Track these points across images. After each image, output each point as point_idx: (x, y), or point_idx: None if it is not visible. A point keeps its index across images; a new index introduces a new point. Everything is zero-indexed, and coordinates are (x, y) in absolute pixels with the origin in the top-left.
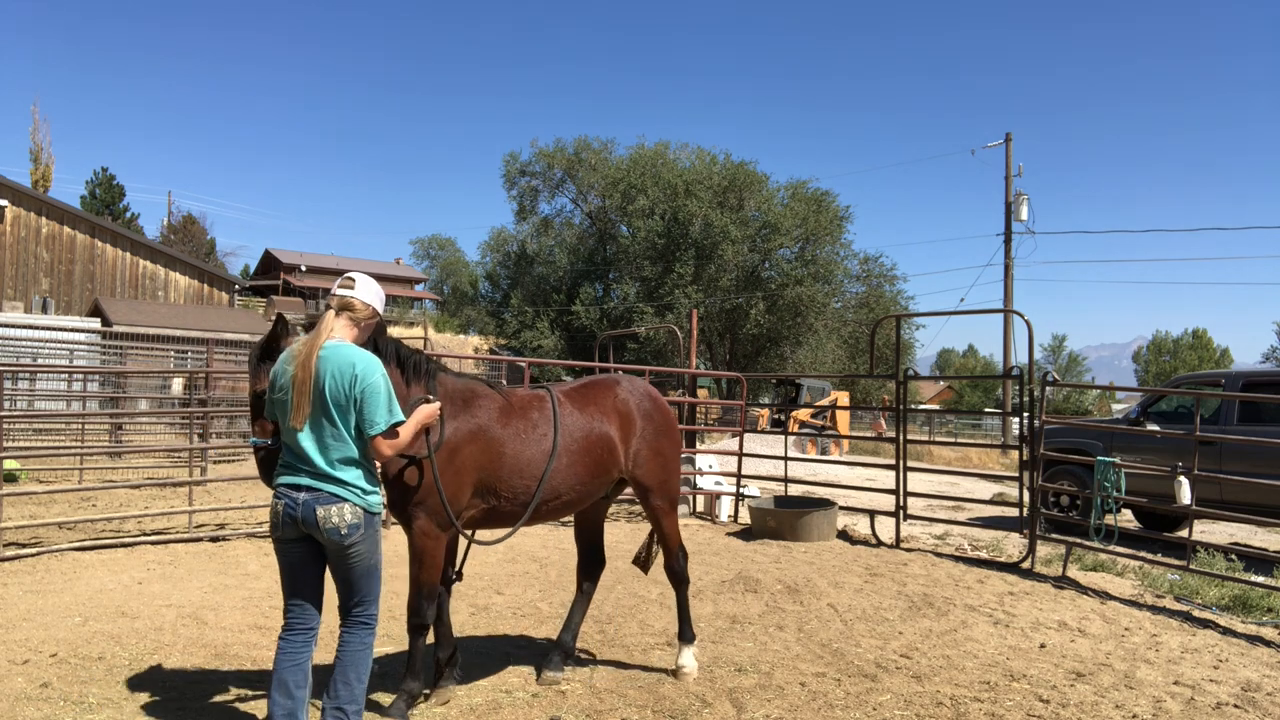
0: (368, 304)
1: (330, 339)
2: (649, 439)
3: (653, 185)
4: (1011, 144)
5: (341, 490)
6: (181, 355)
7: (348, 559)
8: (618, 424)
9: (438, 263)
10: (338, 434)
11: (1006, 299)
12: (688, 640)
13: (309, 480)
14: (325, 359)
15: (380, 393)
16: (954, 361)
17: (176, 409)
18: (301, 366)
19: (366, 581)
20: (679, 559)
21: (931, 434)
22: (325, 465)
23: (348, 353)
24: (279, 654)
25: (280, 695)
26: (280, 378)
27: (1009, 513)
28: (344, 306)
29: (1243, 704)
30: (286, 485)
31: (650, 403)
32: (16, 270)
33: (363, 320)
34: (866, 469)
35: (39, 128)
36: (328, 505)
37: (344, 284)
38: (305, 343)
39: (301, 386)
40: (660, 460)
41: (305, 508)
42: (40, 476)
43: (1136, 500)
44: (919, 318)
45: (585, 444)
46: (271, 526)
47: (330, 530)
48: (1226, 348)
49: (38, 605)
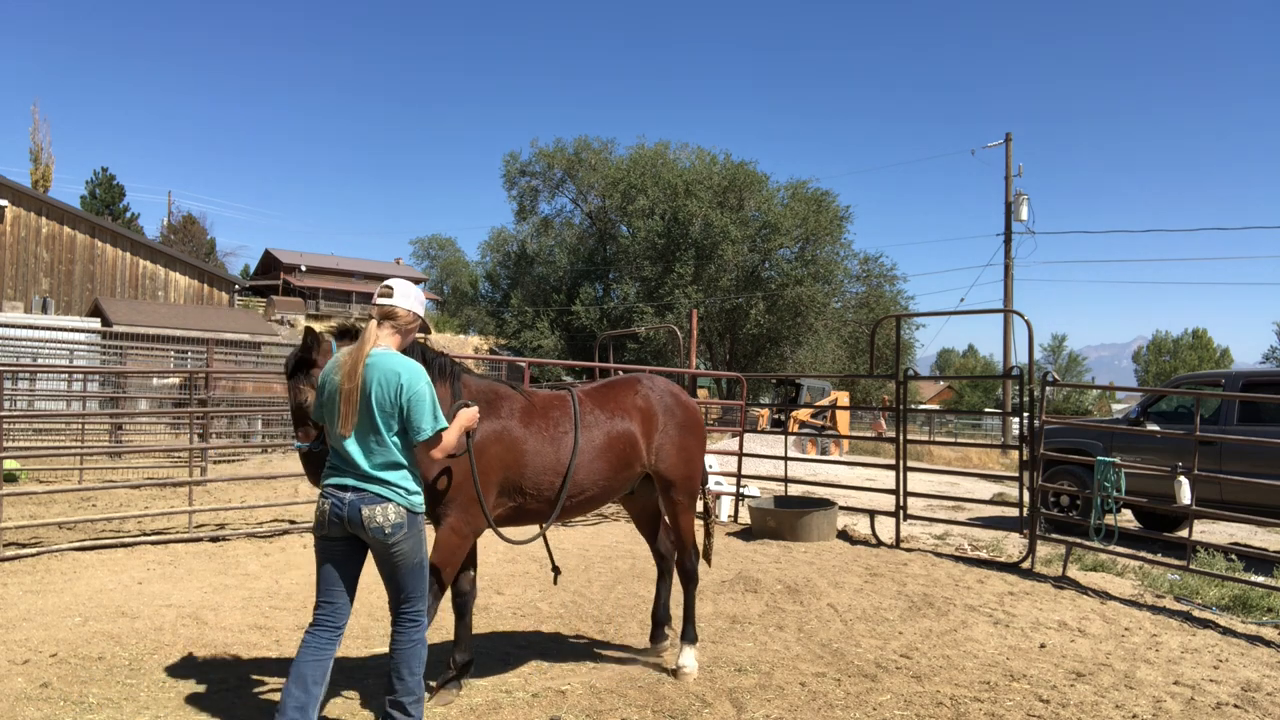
0: (409, 310)
1: (375, 347)
2: (672, 434)
3: (653, 185)
4: (1011, 144)
5: (386, 491)
6: (181, 355)
7: (392, 557)
8: (639, 420)
9: (438, 263)
10: (382, 439)
11: (1006, 299)
12: (690, 640)
13: (354, 481)
14: (371, 367)
15: (425, 400)
16: (954, 361)
17: (176, 409)
18: (348, 376)
19: (412, 579)
20: (691, 557)
21: (931, 434)
22: (370, 468)
23: (393, 361)
24: (303, 647)
25: (296, 688)
26: (328, 385)
27: (1009, 513)
28: (386, 315)
29: (1243, 704)
30: (333, 486)
31: (672, 399)
32: (16, 270)
33: (405, 326)
34: (866, 469)
35: (39, 128)
36: (372, 505)
37: (383, 292)
38: (351, 352)
39: (349, 395)
40: (684, 455)
41: (351, 507)
42: (40, 476)
43: (1136, 500)
44: (919, 318)
45: (607, 441)
46: (316, 525)
47: (375, 529)
48: (1226, 348)
49: (38, 605)
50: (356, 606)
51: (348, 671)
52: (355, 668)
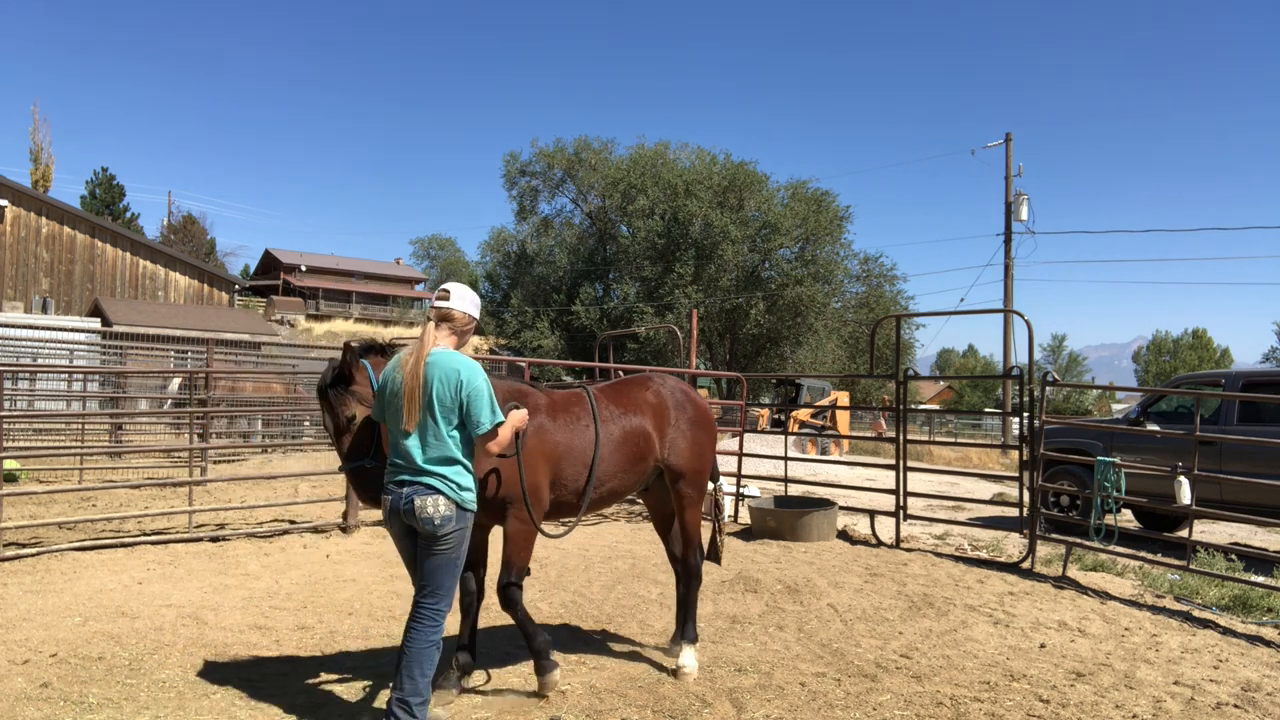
0: (465, 312)
1: (435, 347)
2: (683, 429)
3: (653, 185)
4: (1011, 144)
5: (438, 483)
6: (181, 355)
7: (435, 547)
8: (652, 415)
9: (438, 263)
10: (440, 433)
11: (1006, 299)
12: (691, 640)
13: (409, 475)
14: (432, 365)
15: (484, 395)
16: (954, 361)
17: (176, 409)
18: (411, 374)
19: (443, 573)
20: (696, 554)
21: (931, 434)
22: (424, 462)
23: (452, 360)
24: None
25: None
26: (390, 384)
27: (1009, 513)
28: (444, 317)
29: (1243, 704)
30: (393, 482)
31: (684, 395)
32: (16, 270)
33: (461, 328)
34: (866, 469)
35: (39, 128)
36: (424, 496)
37: (441, 296)
38: (412, 352)
39: (411, 392)
40: (695, 449)
41: (406, 500)
42: (40, 476)
43: (1136, 500)
44: (919, 318)
45: (623, 435)
46: (384, 520)
47: (425, 520)
48: (1226, 348)
49: (38, 605)
50: (357, 607)
51: (346, 671)
52: (356, 666)
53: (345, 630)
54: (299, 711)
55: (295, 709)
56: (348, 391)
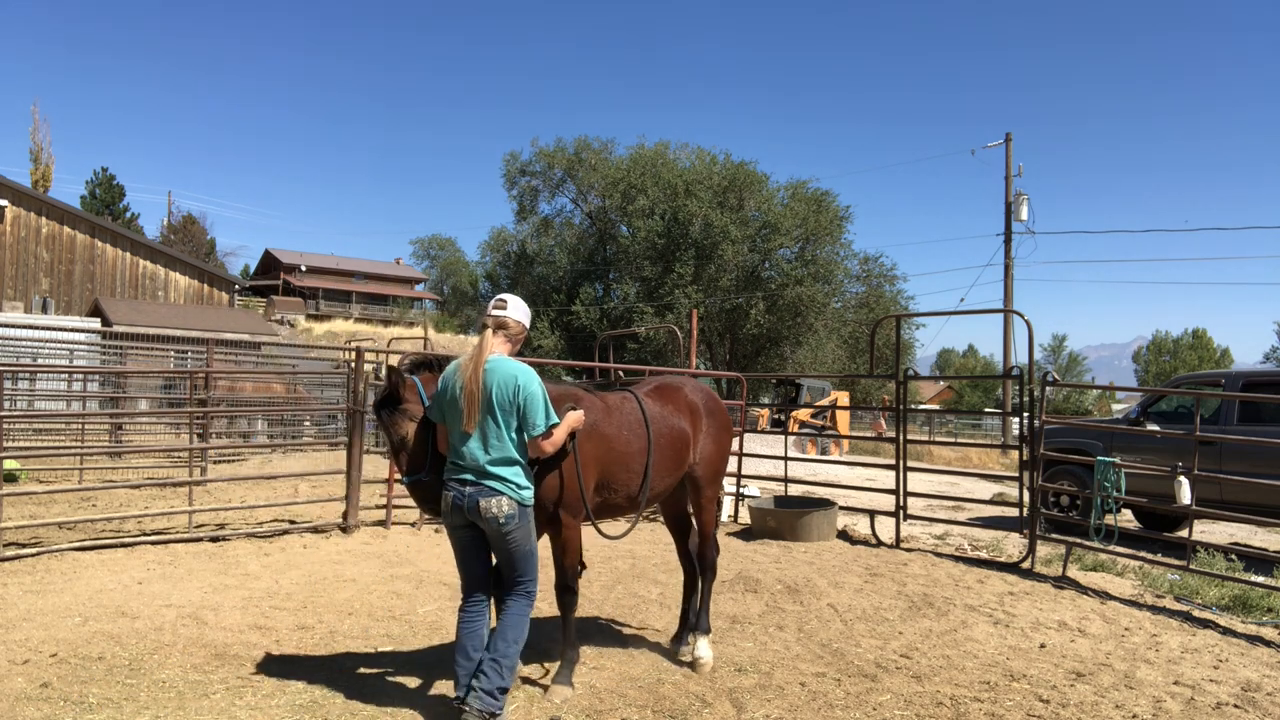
0: (519, 321)
1: (492, 354)
2: (712, 434)
3: (653, 185)
4: (1011, 144)
5: (500, 485)
6: (181, 355)
7: (507, 543)
8: (690, 420)
9: (438, 263)
10: (500, 435)
11: (1006, 299)
12: (705, 631)
13: (473, 476)
14: (490, 371)
15: (539, 399)
16: (954, 361)
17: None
18: (471, 379)
19: (525, 562)
20: (712, 549)
21: (931, 434)
22: (487, 464)
23: (510, 366)
24: (459, 624)
25: (462, 658)
26: (450, 388)
27: (1009, 513)
28: (500, 325)
29: (1243, 704)
30: (455, 480)
31: (712, 401)
32: (16, 270)
33: (515, 335)
34: (866, 469)
35: (39, 128)
36: (489, 497)
37: (497, 305)
38: (471, 358)
39: (471, 396)
40: (720, 452)
41: (470, 499)
42: (40, 476)
43: (1136, 500)
44: (919, 318)
45: (670, 438)
46: (443, 514)
47: (491, 519)
48: (1226, 348)
49: (38, 605)
50: (357, 607)
51: (346, 671)
52: (356, 666)
53: (345, 630)
54: (299, 712)
55: (295, 709)
56: (398, 411)
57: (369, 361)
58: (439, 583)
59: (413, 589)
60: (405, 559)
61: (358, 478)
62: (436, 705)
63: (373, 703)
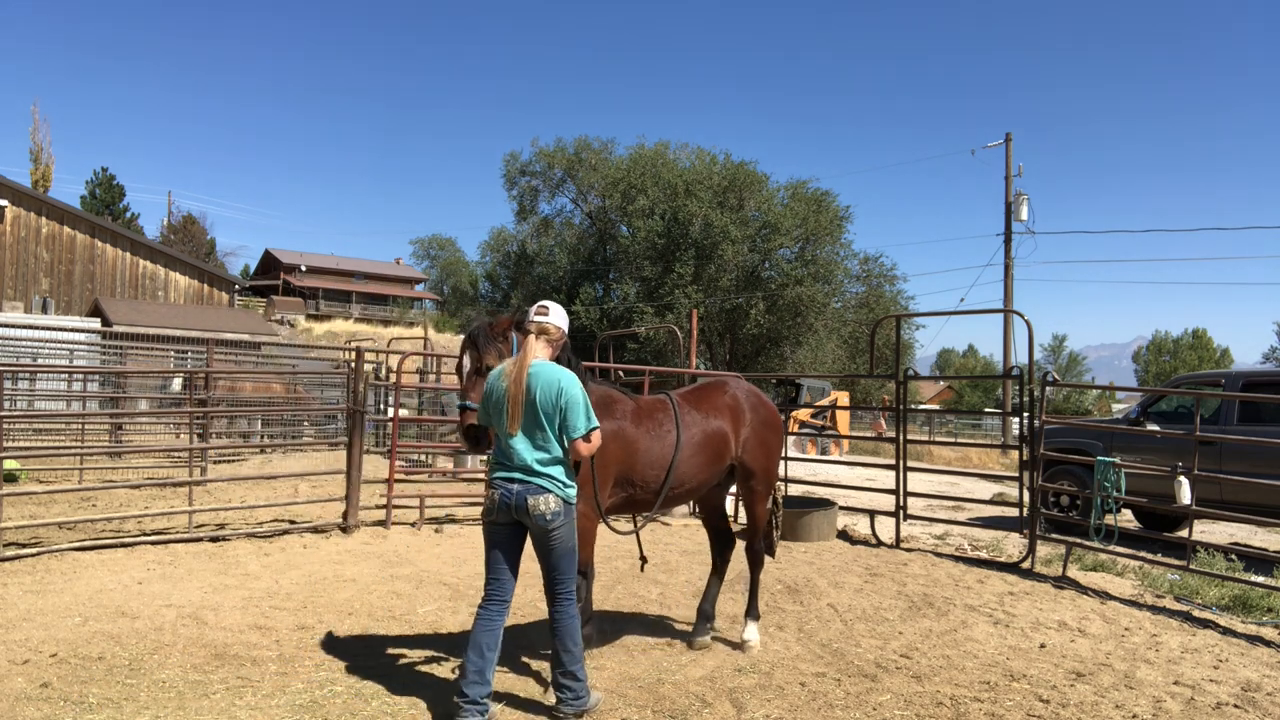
0: (559, 327)
1: (535, 359)
2: (756, 429)
3: (653, 185)
4: (1011, 144)
5: (547, 483)
6: (181, 355)
7: (550, 541)
8: (729, 418)
9: (438, 263)
10: (545, 437)
11: (1006, 299)
12: (754, 617)
13: (521, 475)
14: (534, 375)
15: (580, 403)
16: (954, 361)
17: (176, 409)
18: (514, 383)
19: (566, 561)
20: (760, 541)
21: (931, 434)
22: (534, 463)
23: (552, 371)
24: (477, 620)
25: (474, 654)
26: (495, 391)
27: (1009, 513)
28: (541, 331)
29: (1243, 704)
30: (502, 478)
31: (756, 398)
32: (16, 270)
33: (556, 340)
34: (866, 469)
35: (39, 128)
36: (536, 495)
37: (539, 312)
38: (515, 363)
39: (515, 400)
40: (765, 449)
41: (518, 497)
42: (40, 476)
43: (1136, 500)
44: (919, 318)
45: (704, 437)
46: (485, 511)
47: (538, 516)
48: (1226, 348)
49: (38, 605)
50: (357, 607)
51: (346, 671)
52: (356, 667)
53: (345, 630)
54: (299, 712)
55: (295, 709)
56: (495, 342)
57: (369, 361)
58: (439, 583)
59: (413, 589)
60: (405, 559)
61: (358, 478)
62: (437, 705)
63: (373, 703)
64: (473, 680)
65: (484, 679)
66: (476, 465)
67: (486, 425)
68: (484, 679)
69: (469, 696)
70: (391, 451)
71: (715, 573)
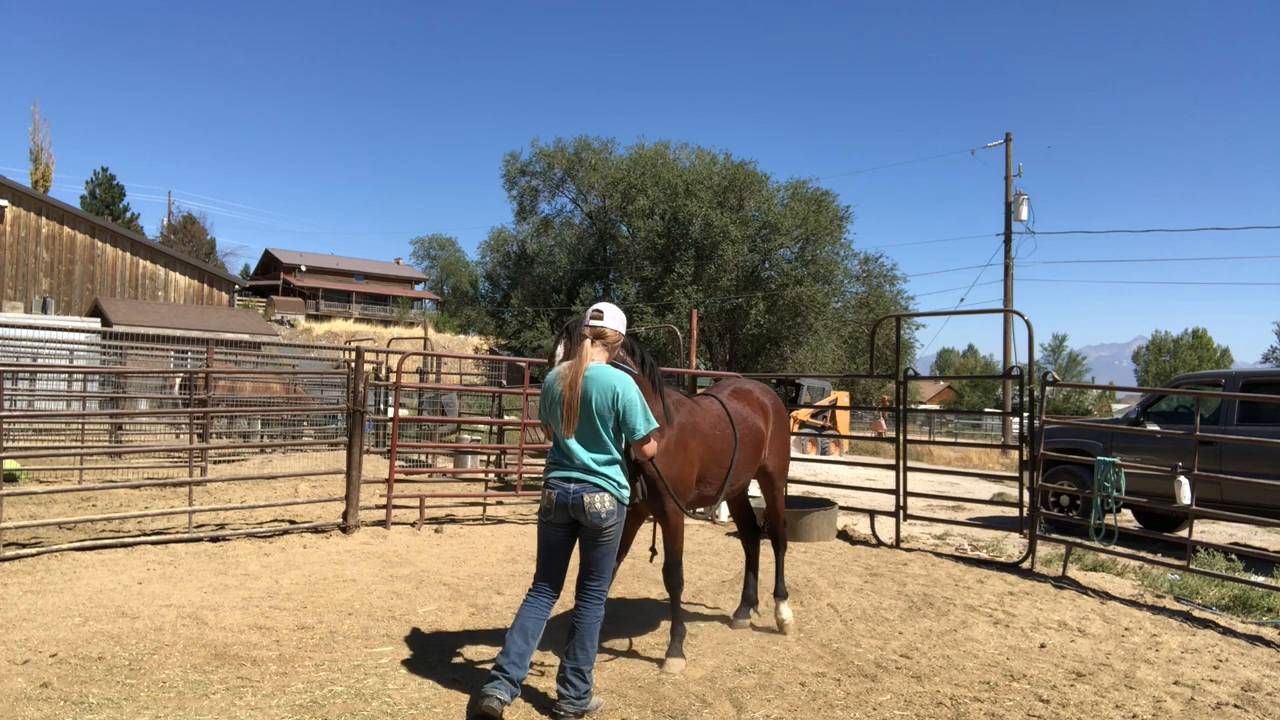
0: (616, 330)
1: (591, 363)
2: (778, 430)
3: (653, 185)
4: (1011, 144)
5: (604, 483)
6: (181, 355)
7: (600, 539)
8: (764, 419)
9: (438, 263)
10: (601, 439)
11: (1006, 299)
12: (783, 596)
13: (578, 474)
14: (590, 379)
15: (637, 406)
16: (954, 361)
17: (176, 409)
18: (570, 387)
19: (607, 560)
20: (782, 526)
21: (931, 434)
22: (591, 463)
23: (608, 375)
24: (525, 605)
25: (519, 637)
26: (550, 393)
27: (1009, 513)
28: (598, 335)
29: (1243, 704)
30: (560, 478)
31: (777, 401)
32: (16, 270)
33: (612, 344)
34: (866, 469)
35: (39, 128)
36: (593, 494)
37: (595, 316)
38: (571, 367)
39: (571, 403)
40: (785, 449)
41: (575, 496)
42: (40, 476)
43: (1136, 500)
44: (919, 318)
45: (750, 436)
46: (543, 510)
47: (593, 515)
48: (1226, 348)
49: (38, 605)
50: (357, 607)
51: (347, 671)
52: (356, 667)
53: (345, 630)
54: (299, 712)
55: (295, 709)
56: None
57: (369, 362)
58: (439, 583)
59: (413, 589)
60: (405, 559)
61: (358, 478)
62: (437, 705)
63: (373, 703)
64: (514, 660)
65: (523, 663)
66: (476, 465)
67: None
68: (523, 663)
69: (508, 674)
70: (391, 451)
71: (750, 562)
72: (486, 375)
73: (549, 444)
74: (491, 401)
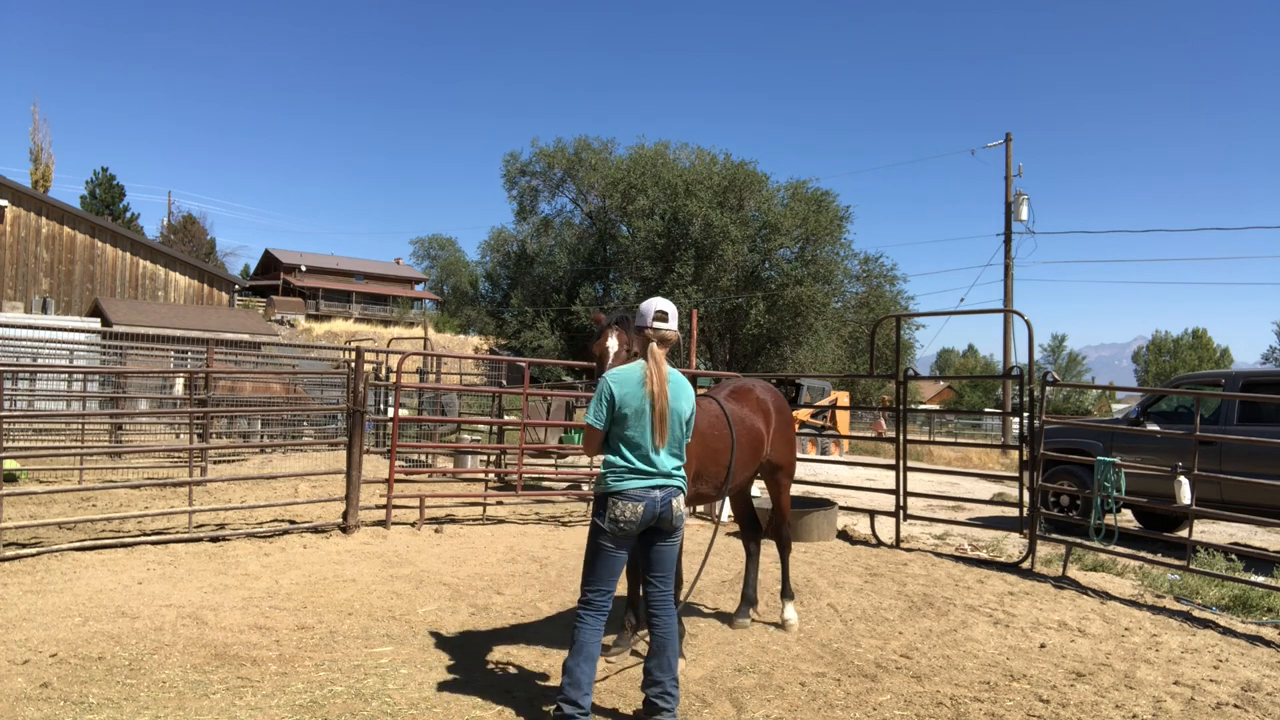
0: (676, 332)
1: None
2: (780, 428)
3: (653, 185)
4: (1011, 144)
5: (682, 484)
6: (181, 355)
7: (674, 539)
8: (763, 418)
9: (438, 263)
10: (678, 443)
11: (1006, 299)
12: (789, 597)
13: (661, 480)
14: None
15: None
16: (954, 361)
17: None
18: (659, 396)
19: (675, 560)
20: (787, 527)
21: (931, 434)
22: (671, 468)
23: (683, 383)
24: (586, 630)
25: (588, 665)
26: (628, 401)
27: (1009, 513)
28: (664, 339)
29: (1243, 704)
30: (643, 487)
31: (779, 400)
32: (16, 270)
33: (672, 345)
34: (866, 469)
35: (39, 128)
36: (677, 497)
37: (660, 318)
38: (653, 374)
39: (663, 414)
40: (789, 445)
41: (663, 503)
42: (40, 476)
43: (1136, 500)
44: (919, 318)
45: (748, 436)
46: (625, 522)
47: (676, 517)
48: (1226, 348)
49: (38, 605)
50: (357, 607)
51: (346, 671)
52: (356, 667)
53: (345, 630)
54: (299, 712)
55: (295, 709)
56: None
57: (369, 362)
58: (439, 583)
59: (413, 589)
60: (405, 559)
61: (358, 478)
62: (437, 705)
63: (373, 703)
64: (587, 691)
65: (591, 689)
66: (476, 465)
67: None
68: (591, 689)
69: (583, 708)
70: (391, 451)
71: (751, 561)
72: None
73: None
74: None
